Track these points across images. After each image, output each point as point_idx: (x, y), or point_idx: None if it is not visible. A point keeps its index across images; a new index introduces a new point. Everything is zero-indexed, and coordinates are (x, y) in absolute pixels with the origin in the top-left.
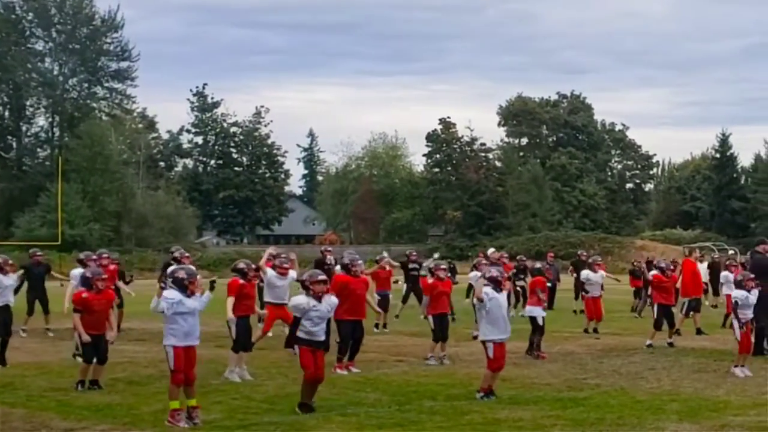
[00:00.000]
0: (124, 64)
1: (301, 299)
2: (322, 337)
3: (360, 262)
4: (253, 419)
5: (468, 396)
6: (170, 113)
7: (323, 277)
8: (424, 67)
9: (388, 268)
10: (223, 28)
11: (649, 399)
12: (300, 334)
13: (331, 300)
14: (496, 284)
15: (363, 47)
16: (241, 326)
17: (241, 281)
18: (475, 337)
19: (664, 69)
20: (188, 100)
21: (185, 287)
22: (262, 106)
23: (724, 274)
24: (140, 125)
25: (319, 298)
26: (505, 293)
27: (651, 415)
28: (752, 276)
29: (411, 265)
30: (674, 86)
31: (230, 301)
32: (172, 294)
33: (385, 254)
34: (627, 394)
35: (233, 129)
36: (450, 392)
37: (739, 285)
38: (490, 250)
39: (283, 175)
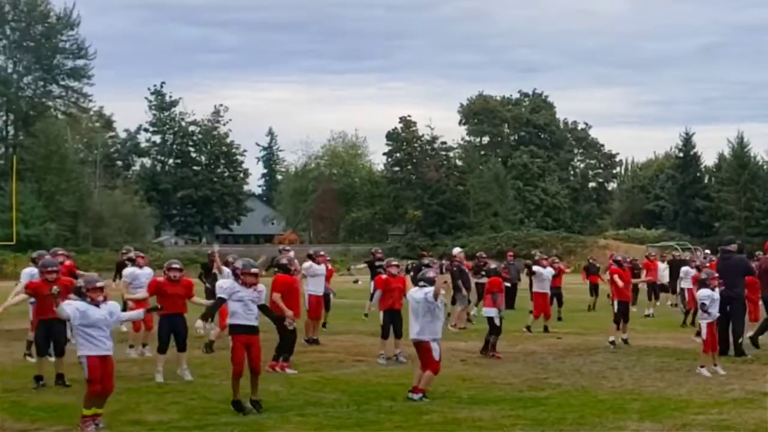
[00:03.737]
0: (80, 62)
1: (227, 281)
2: (255, 323)
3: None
4: (211, 420)
5: (427, 395)
6: (127, 112)
7: (256, 270)
8: (379, 65)
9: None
10: (176, 26)
11: (610, 398)
12: (232, 321)
13: (260, 288)
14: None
15: (316, 45)
16: (163, 326)
17: (159, 279)
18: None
19: (622, 68)
20: (146, 98)
21: (85, 296)
22: (220, 105)
23: (684, 269)
24: (97, 124)
25: (246, 286)
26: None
27: (612, 414)
28: (716, 275)
29: (377, 263)
30: (634, 85)
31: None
32: (77, 305)
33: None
34: (588, 393)
35: (192, 128)
36: None
37: (703, 284)
38: (456, 250)
39: (242, 174)
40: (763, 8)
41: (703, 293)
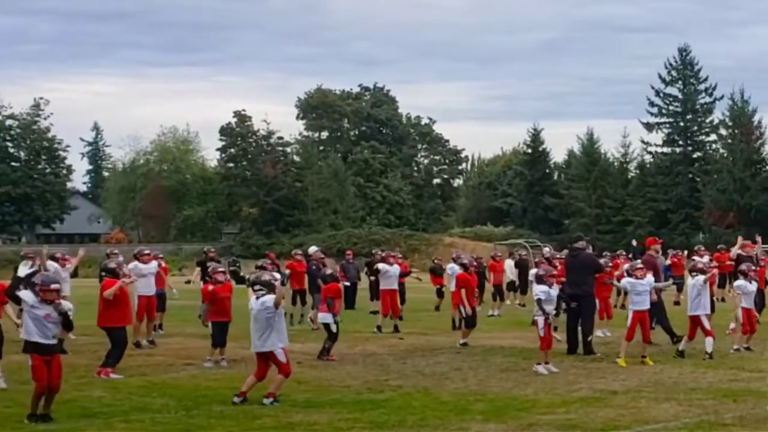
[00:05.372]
0: None
1: (30, 295)
2: (51, 341)
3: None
4: (28, 428)
5: (260, 400)
6: None
7: (57, 286)
8: (211, 57)
9: None
10: None
11: (453, 399)
12: (28, 338)
13: (65, 307)
14: (270, 288)
15: (142, 36)
16: None
17: None
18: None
19: (465, 62)
20: None
21: None
22: (41, 98)
23: (533, 271)
24: None
25: (46, 303)
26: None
27: (455, 416)
28: (554, 272)
29: (209, 264)
30: (478, 80)
31: None
32: None
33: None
34: (430, 395)
35: (9, 122)
36: None
37: (540, 280)
38: (312, 249)
39: (65, 171)
40: (604, 4)
41: (539, 289)
